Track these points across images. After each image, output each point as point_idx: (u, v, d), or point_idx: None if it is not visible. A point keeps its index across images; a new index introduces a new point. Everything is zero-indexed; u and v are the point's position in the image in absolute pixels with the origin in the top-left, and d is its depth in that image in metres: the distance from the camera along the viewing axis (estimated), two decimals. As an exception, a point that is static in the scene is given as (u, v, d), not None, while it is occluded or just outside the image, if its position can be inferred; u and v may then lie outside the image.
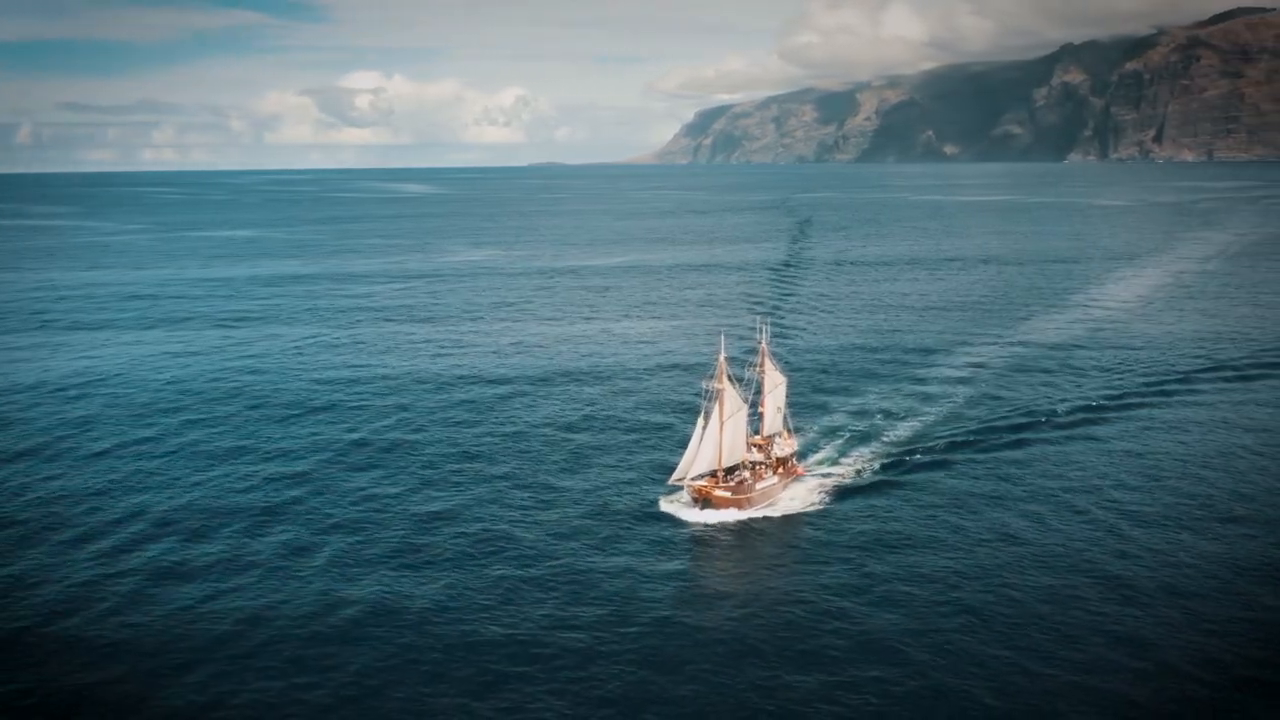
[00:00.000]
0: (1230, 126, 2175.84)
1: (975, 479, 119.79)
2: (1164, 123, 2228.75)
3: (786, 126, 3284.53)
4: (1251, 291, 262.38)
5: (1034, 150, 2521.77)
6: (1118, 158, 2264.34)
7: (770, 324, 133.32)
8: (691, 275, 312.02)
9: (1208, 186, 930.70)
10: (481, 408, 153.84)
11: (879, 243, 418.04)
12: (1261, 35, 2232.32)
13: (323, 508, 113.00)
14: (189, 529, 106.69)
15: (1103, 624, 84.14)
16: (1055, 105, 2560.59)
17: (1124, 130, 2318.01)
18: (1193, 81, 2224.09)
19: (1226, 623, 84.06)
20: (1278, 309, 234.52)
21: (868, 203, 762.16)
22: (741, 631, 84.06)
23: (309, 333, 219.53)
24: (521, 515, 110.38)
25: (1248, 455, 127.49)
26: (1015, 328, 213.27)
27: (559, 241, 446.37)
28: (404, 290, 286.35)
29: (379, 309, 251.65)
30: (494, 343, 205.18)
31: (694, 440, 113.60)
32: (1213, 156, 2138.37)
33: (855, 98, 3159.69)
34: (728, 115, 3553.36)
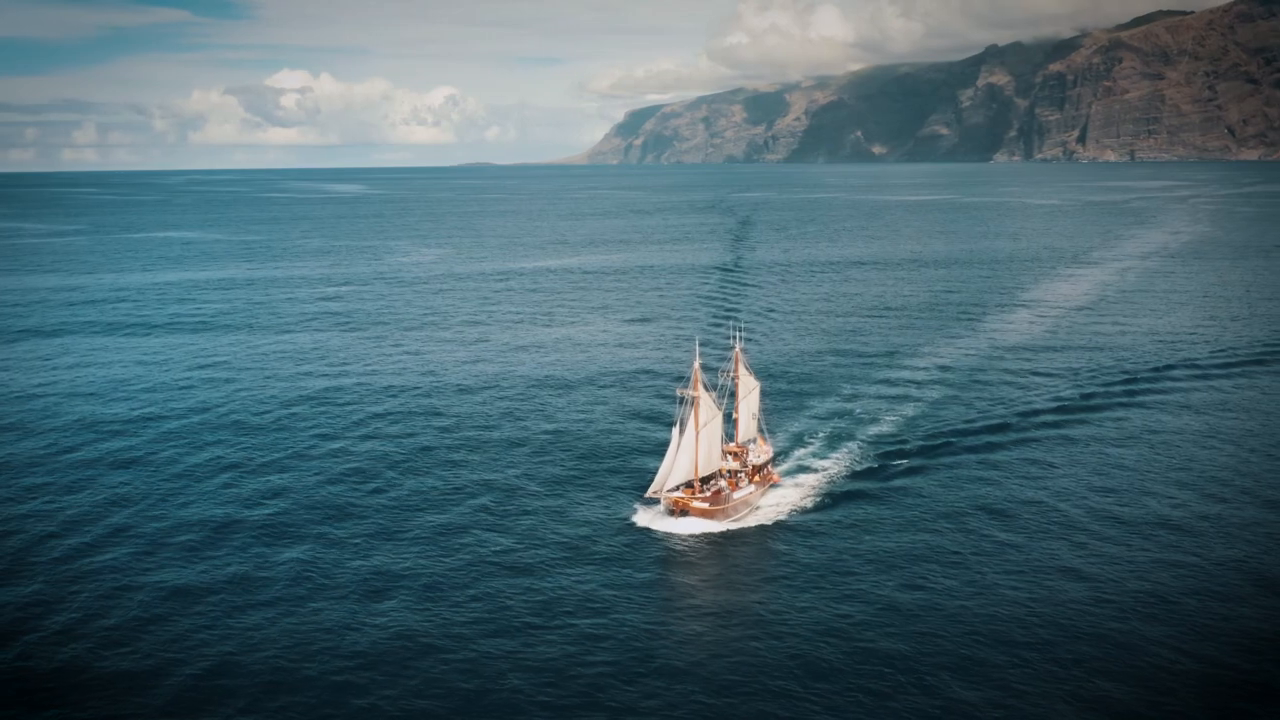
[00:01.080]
0: (1151, 127, 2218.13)
1: (949, 484, 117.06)
2: (1087, 123, 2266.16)
3: (717, 127, 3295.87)
4: (1199, 291, 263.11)
5: (960, 150, 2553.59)
6: (1042, 158, 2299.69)
7: (743, 328, 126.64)
8: (646, 277, 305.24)
9: (1135, 186, 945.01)
10: (444, 419, 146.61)
11: (828, 244, 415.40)
12: (1181, 38, 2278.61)
13: (281, 520, 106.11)
14: (139, 542, 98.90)
15: (1085, 628, 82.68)
16: (980, 106, 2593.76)
17: (1048, 131, 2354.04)
18: (1115, 83, 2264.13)
19: (1214, 627, 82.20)
20: (1228, 308, 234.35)
21: (805, 203, 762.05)
22: (723, 648, 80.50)
23: (264, 341, 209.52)
24: (490, 531, 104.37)
25: (1222, 451, 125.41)
26: (973, 327, 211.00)
27: (509, 243, 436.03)
28: (355, 294, 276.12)
29: (332, 315, 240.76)
30: (453, 350, 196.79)
31: (670, 450, 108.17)
32: (1134, 157, 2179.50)
33: (785, 98, 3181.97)
34: (658, 116, 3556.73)
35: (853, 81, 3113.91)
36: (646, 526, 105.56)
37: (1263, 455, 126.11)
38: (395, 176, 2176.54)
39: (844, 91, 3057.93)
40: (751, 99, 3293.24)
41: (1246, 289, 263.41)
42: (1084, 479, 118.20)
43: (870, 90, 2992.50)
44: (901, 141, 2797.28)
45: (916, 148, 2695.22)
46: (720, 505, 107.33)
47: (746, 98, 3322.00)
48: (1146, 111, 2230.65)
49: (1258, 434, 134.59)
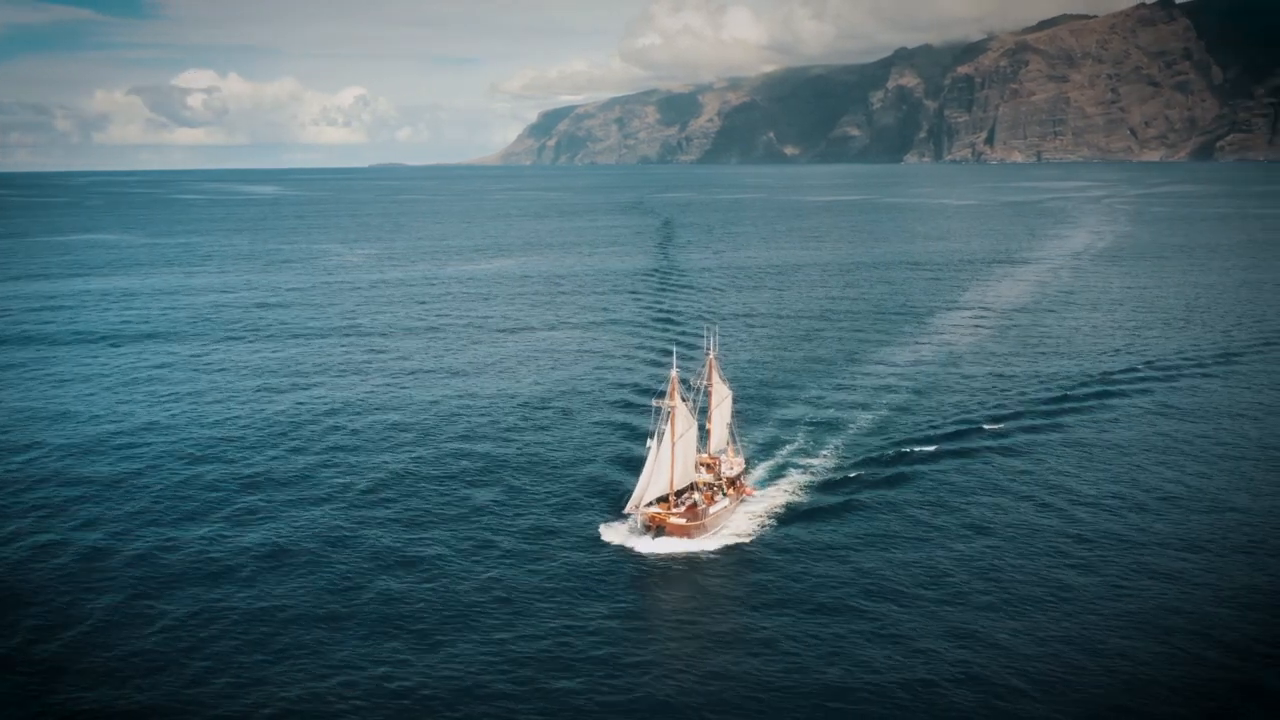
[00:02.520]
0: (1057, 129, 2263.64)
1: (919, 493, 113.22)
2: (995, 125, 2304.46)
3: (630, 128, 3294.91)
4: (1135, 293, 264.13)
5: (871, 151, 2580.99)
6: (951, 159, 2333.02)
7: (717, 334, 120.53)
8: (589, 282, 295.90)
9: (1048, 187, 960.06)
10: (398, 437, 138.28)
11: (764, 246, 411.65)
12: (1085, 41, 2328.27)
13: (227, 540, 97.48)
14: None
15: (1073, 636, 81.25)
16: (891, 108, 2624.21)
17: (957, 132, 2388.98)
18: (1021, 85, 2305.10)
19: (1191, 641, 79.28)
20: (1166, 310, 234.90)
21: (729, 204, 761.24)
22: (706, 674, 76.16)
23: (204, 352, 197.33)
24: (456, 555, 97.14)
25: (1182, 457, 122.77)
26: (923, 330, 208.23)
27: (444, 247, 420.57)
28: (291, 301, 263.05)
29: (271, 324, 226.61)
30: (404, 363, 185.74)
31: (648, 464, 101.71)
32: (1041, 158, 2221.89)
33: (698, 99, 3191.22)
34: (571, 116, 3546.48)
35: (765, 83, 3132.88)
36: (621, 545, 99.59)
37: (1214, 458, 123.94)
38: (309, 177, 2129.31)
39: (757, 93, 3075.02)
40: (665, 100, 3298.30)
41: (1179, 289, 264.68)
42: (1055, 484, 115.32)
43: (783, 92, 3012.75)
44: (814, 142, 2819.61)
45: (828, 149, 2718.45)
46: (697, 521, 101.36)
47: (660, 99, 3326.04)
48: (1052, 113, 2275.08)
49: (1207, 436, 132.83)
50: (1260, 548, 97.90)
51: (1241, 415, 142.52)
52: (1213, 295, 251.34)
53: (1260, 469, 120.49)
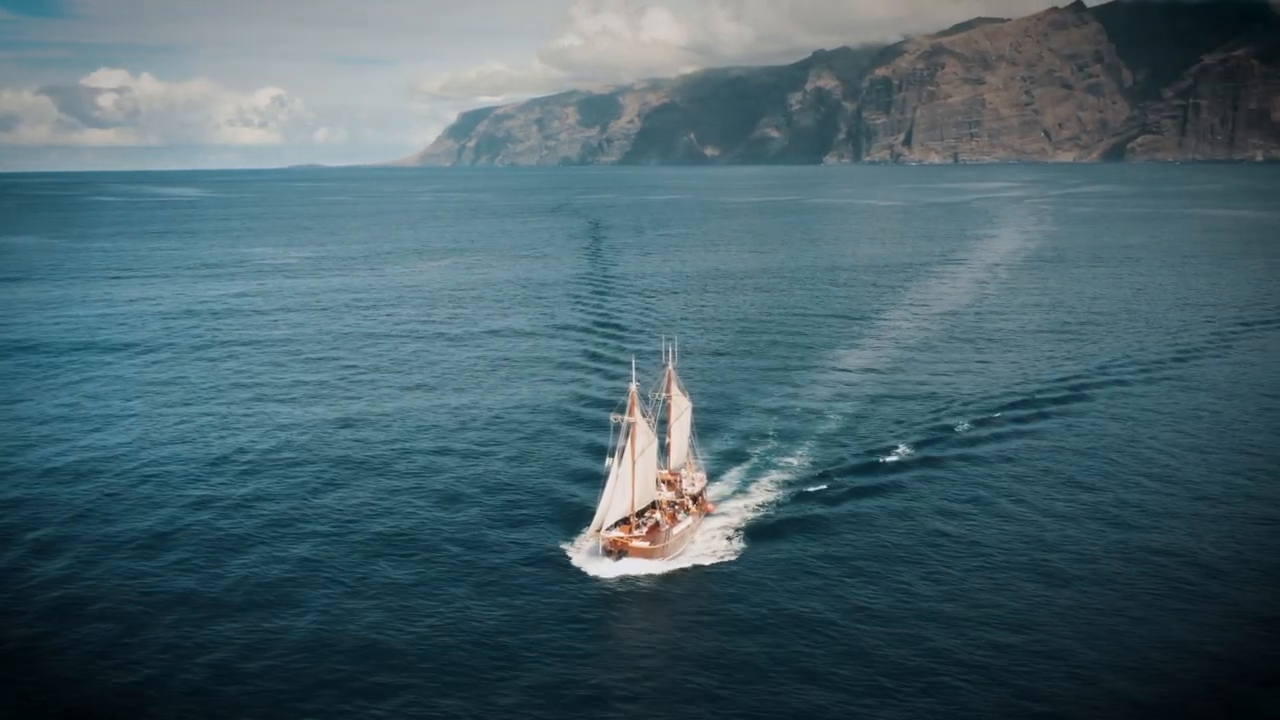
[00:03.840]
0: (973, 130, 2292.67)
1: (883, 503, 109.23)
2: (912, 127, 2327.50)
3: (550, 129, 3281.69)
4: (1077, 292, 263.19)
5: (791, 152, 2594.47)
6: (870, 160, 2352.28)
7: (682, 342, 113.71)
8: (526, 286, 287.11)
9: (968, 188, 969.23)
10: (337, 458, 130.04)
11: (699, 249, 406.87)
12: (999, 44, 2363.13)
13: (161, 572, 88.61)
14: None
15: (1053, 650, 78.97)
16: (810, 109, 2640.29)
17: (876, 134, 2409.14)
18: (938, 88, 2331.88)
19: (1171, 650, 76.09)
20: (1110, 309, 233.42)
21: (657, 205, 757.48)
22: (667, 702, 72.48)
23: (134, 367, 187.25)
24: (403, 585, 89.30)
25: (1151, 456, 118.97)
26: (872, 333, 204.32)
27: (378, 251, 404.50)
28: (222, 309, 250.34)
29: (200, 337, 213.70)
30: (342, 377, 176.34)
31: (608, 484, 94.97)
32: (958, 159, 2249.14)
33: (618, 100, 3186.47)
34: (491, 117, 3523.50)
35: (685, 84, 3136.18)
36: (581, 569, 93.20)
37: (1172, 462, 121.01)
38: (226, 179, 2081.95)
39: (677, 94, 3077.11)
40: (585, 101, 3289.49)
41: (1119, 291, 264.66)
42: (1016, 493, 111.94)
43: (702, 93, 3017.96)
44: (734, 144, 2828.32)
45: (748, 150, 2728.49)
46: (660, 543, 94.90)
47: (580, 100, 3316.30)
48: (968, 115, 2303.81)
49: (1165, 439, 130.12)
50: (1227, 553, 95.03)
51: (1199, 417, 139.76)
52: (1153, 296, 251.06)
53: (1222, 472, 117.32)
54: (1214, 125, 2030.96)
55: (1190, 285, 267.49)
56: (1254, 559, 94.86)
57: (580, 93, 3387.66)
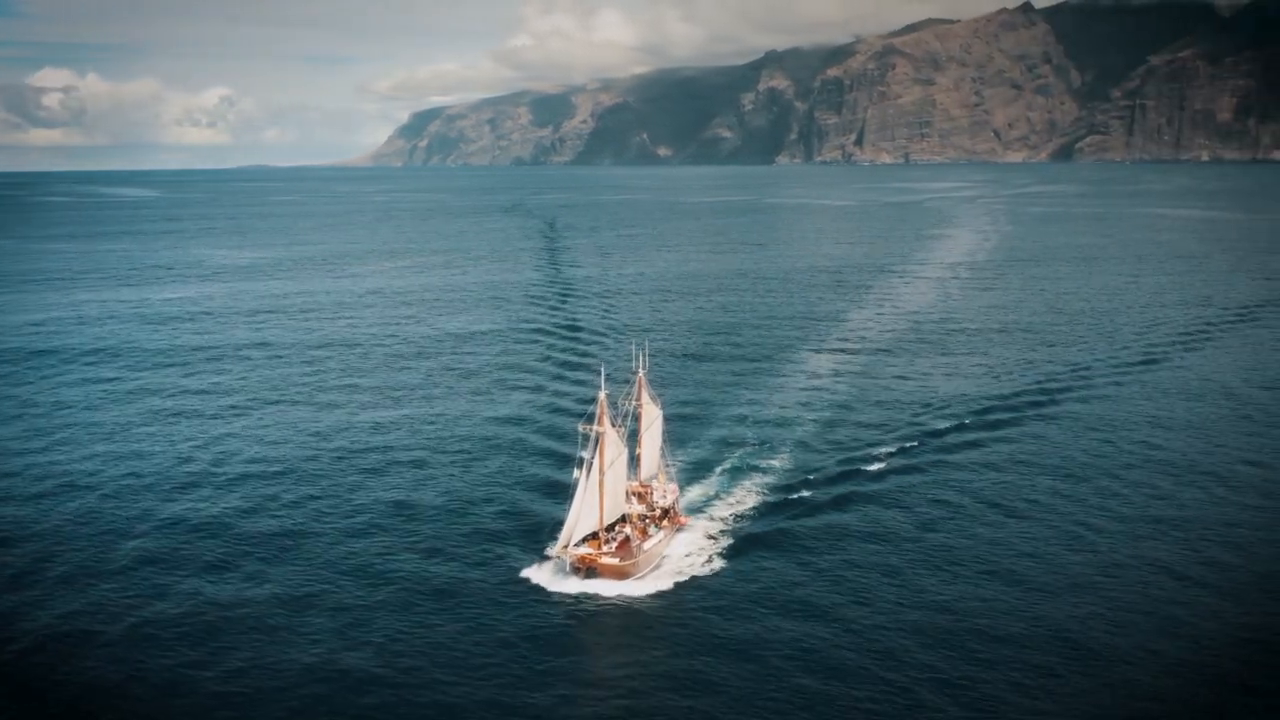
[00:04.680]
0: (924, 131, 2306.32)
1: (859, 513, 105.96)
2: (864, 127, 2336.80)
3: (503, 129, 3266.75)
4: (1039, 293, 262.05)
5: (743, 153, 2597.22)
6: (822, 160, 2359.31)
7: (649, 347, 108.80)
8: (485, 289, 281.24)
9: (920, 188, 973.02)
10: (290, 468, 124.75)
11: (654, 249, 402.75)
12: (949, 45, 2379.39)
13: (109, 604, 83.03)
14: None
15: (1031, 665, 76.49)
16: (762, 109, 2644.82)
17: (827, 134, 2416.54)
18: (889, 88, 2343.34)
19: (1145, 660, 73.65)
20: (1074, 310, 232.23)
21: (614, 204, 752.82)
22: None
23: (72, 376, 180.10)
24: (361, 605, 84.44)
25: (1120, 461, 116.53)
26: (839, 335, 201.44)
27: (331, 253, 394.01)
28: (172, 315, 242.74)
29: (154, 344, 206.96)
30: (297, 384, 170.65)
31: (576, 498, 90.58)
32: (909, 159, 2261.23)
33: (570, 100, 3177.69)
34: (443, 117, 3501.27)
35: (637, 84, 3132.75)
36: (548, 588, 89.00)
37: (1143, 466, 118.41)
38: (175, 179, 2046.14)
39: (629, 94, 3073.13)
40: (537, 101, 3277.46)
41: (1081, 292, 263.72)
42: (996, 501, 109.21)
43: (655, 93, 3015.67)
44: (686, 143, 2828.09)
45: (701, 150, 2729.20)
46: (630, 560, 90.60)
47: (532, 100, 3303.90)
48: (919, 115, 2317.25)
49: (1132, 444, 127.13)
50: (1202, 557, 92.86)
51: (1169, 419, 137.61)
52: (1114, 297, 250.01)
53: (1190, 476, 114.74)
54: (1160, 126, 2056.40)
55: (1150, 285, 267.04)
56: (1228, 561, 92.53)
57: (532, 93, 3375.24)
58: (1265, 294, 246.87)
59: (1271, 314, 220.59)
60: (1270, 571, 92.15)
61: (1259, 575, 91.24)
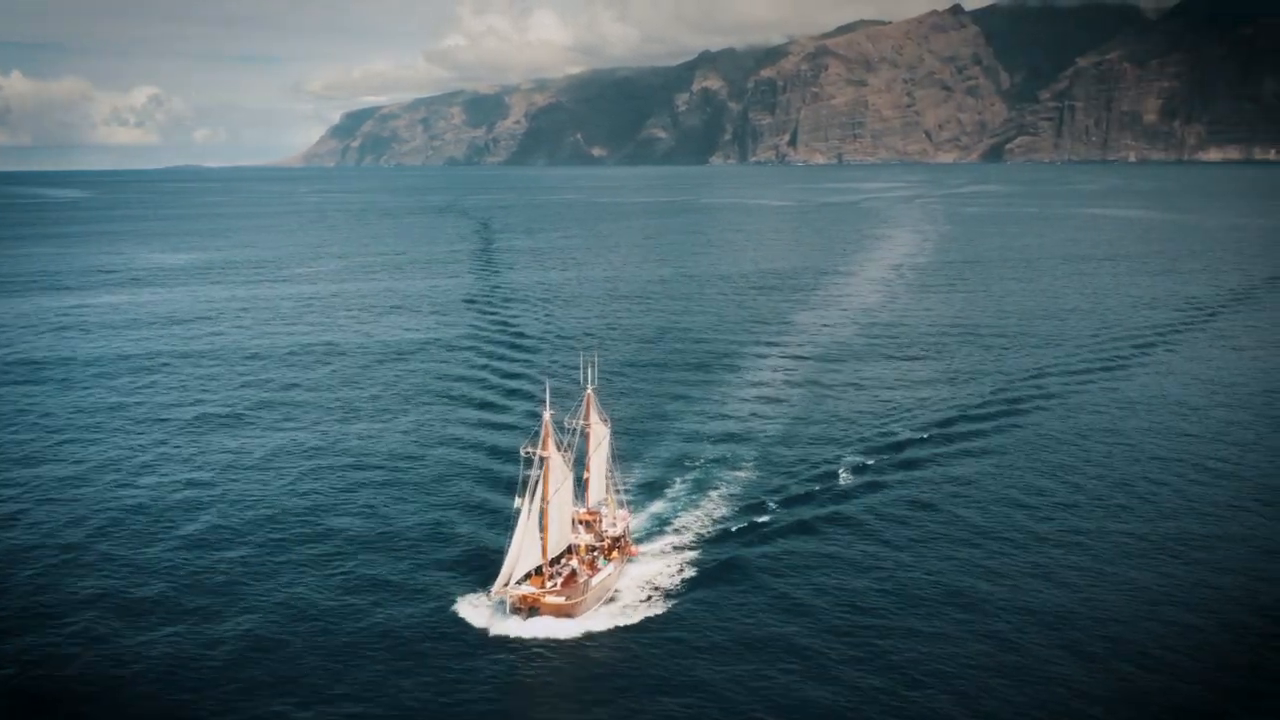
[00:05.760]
0: (856, 132, 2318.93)
1: (821, 537, 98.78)
2: (797, 128, 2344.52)
3: (436, 129, 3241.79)
4: (985, 296, 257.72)
5: (678, 153, 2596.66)
6: (756, 160, 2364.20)
7: (598, 359, 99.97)
8: (418, 294, 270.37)
9: (855, 188, 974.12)
10: (203, 493, 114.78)
11: (594, 251, 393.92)
12: (881, 46, 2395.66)
13: None
14: None
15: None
16: (696, 110, 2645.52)
17: (761, 135, 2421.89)
18: (822, 89, 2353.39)
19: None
20: (1025, 312, 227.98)
21: (546, 205, 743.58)
22: None
23: None
24: (273, 653, 75.28)
25: (1084, 470, 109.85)
26: (790, 341, 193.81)
27: (262, 258, 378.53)
28: (94, 323, 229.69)
29: (69, 354, 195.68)
30: (216, 397, 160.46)
31: (517, 530, 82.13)
32: (842, 159, 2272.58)
33: (504, 100, 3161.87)
34: (376, 117, 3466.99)
35: (572, 84, 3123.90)
36: (486, 630, 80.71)
37: (1103, 473, 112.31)
38: (102, 180, 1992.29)
39: (563, 94, 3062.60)
40: (471, 101, 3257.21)
41: (1030, 294, 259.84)
42: (959, 518, 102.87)
43: (589, 93, 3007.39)
44: (621, 144, 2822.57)
45: (636, 150, 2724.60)
46: (578, 597, 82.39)
47: (466, 100, 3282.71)
48: (851, 116, 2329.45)
49: (1095, 452, 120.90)
50: (1172, 563, 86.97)
51: (1127, 426, 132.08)
52: (1061, 299, 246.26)
53: (1158, 488, 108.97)
54: (1088, 127, 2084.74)
55: (1095, 286, 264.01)
56: (1184, 576, 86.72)
57: (466, 93, 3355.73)
58: (1210, 294, 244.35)
59: (1218, 315, 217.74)
60: (1222, 583, 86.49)
61: (1217, 590, 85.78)
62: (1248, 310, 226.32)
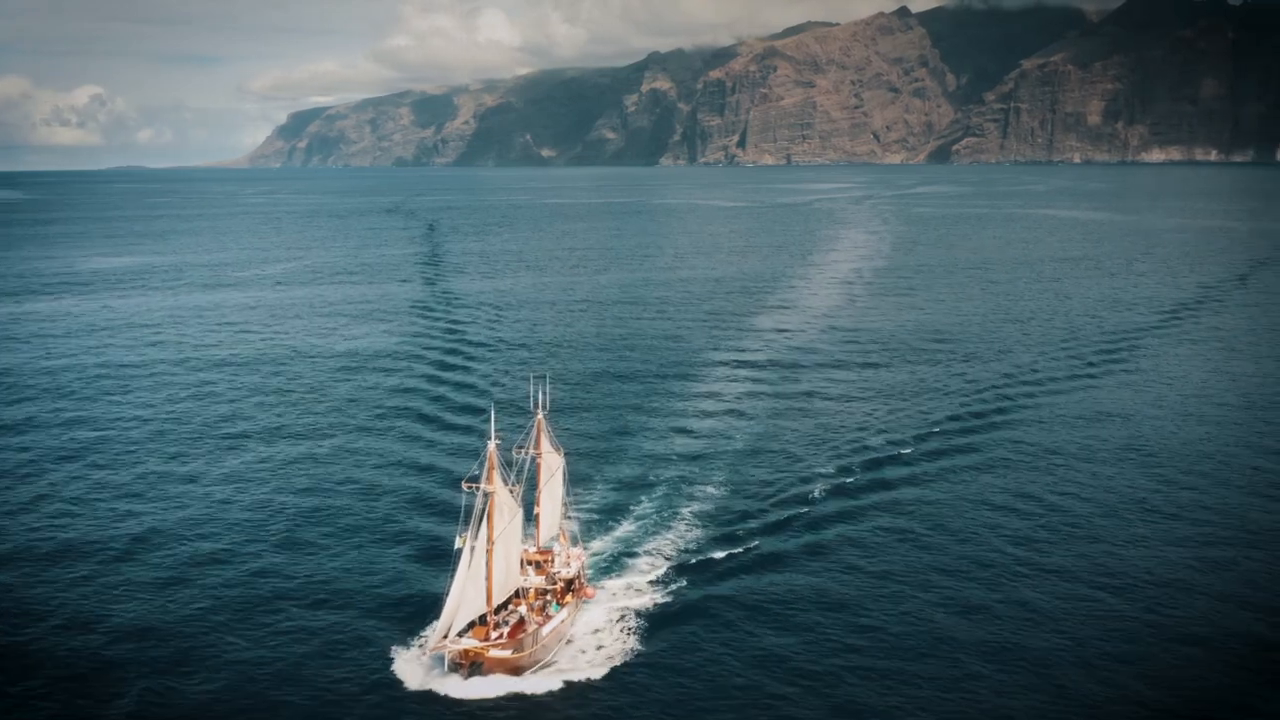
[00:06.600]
0: (805, 133, 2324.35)
1: (793, 569, 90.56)
2: (746, 129, 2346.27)
3: (384, 129, 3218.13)
4: (954, 296, 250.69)
5: (627, 154, 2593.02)
6: (705, 162, 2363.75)
7: (549, 382, 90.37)
8: (354, 302, 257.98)
9: (806, 189, 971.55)
10: (116, 523, 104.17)
11: (543, 254, 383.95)
12: (829, 48, 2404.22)
13: None
14: None
15: None
16: (645, 111, 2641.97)
17: (710, 136, 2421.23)
18: (771, 90, 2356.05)
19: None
20: (987, 315, 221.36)
21: (495, 206, 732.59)
22: None
23: None
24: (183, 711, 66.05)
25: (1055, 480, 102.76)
26: (746, 349, 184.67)
27: (215, 260, 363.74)
28: (34, 331, 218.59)
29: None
30: (133, 416, 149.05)
31: (458, 576, 73.14)
32: (791, 160, 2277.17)
33: (453, 101, 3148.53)
34: (323, 118, 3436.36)
35: (520, 85, 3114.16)
36: (423, 689, 71.33)
37: (1081, 486, 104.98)
38: (43, 181, 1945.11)
39: (512, 95, 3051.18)
40: (419, 101, 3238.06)
41: (993, 298, 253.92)
42: (942, 548, 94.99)
43: (538, 94, 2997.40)
44: (570, 145, 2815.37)
45: (585, 151, 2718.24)
46: (527, 649, 73.52)
47: (414, 100, 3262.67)
48: (800, 118, 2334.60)
49: (1063, 467, 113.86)
50: (1151, 578, 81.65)
51: (1101, 437, 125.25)
52: (1022, 302, 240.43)
53: (1136, 500, 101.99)
54: (1034, 128, 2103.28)
55: (1055, 290, 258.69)
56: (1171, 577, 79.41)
57: (414, 93, 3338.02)
58: (1173, 295, 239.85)
59: (1182, 317, 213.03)
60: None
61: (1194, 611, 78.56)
62: (1210, 313, 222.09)
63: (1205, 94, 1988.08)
